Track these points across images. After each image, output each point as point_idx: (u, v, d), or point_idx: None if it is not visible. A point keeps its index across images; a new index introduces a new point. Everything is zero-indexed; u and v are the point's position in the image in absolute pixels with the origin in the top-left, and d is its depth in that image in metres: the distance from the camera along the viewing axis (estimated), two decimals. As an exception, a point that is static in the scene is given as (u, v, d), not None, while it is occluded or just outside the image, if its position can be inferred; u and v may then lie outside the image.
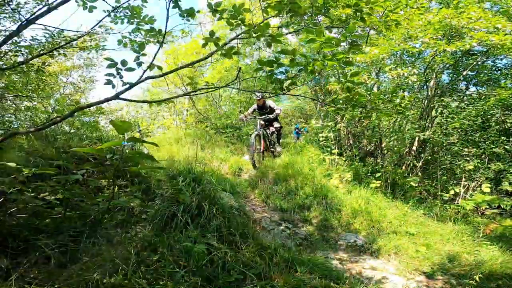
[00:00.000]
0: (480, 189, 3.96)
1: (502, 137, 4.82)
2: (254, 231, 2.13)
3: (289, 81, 1.43)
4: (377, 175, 4.63)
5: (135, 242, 1.68)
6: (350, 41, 1.29)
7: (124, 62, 1.75)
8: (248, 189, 4.40)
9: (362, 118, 1.81)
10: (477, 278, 2.52)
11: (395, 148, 5.07)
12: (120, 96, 1.64)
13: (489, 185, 3.84)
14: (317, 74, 1.51)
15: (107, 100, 1.66)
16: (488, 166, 4.46)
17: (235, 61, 8.54)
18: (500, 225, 3.89)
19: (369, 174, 4.87)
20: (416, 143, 5.21)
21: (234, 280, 1.47)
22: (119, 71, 1.74)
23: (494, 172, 4.58)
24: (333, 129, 5.26)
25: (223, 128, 7.38)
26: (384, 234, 3.63)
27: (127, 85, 1.68)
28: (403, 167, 5.11)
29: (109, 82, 1.71)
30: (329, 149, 5.13)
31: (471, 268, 2.79)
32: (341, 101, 2.44)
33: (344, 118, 5.11)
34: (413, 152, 5.21)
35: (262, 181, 4.60)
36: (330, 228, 3.73)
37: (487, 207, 4.15)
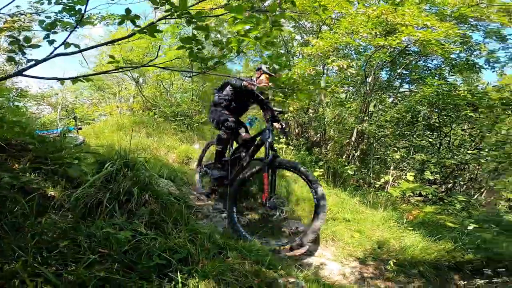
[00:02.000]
0: (405, 177, 4.40)
1: (427, 131, 5.46)
2: (189, 217, 2.08)
3: (214, 60, 1.40)
4: (320, 163, 4.88)
5: (47, 230, 1.53)
6: (272, 21, 1.31)
7: (27, 39, 1.61)
8: (196, 177, 4.30)
9: (283, 99, 1.87)
10: (392, 264, 2.69)
11: (335, 138, 5.39)
12: (24, 73, 1.48)
13: (412, 174, 4.29)
14: (242, 54, 1.50)
15: (8, 76, 1.48)
16: (413, 156, 5.02)
17: (189, 48, 8.24)
18: (421, 212, 4.29)
19: (313, 163, 5.10)
20: (354, 134, 5.61)
21: (154, 265, 1.42)
22: (22, 48, 1.60)
23: (420, 162, 5.16)
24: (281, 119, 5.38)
25: (173, 116, 7.13)
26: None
27: (33, 62, 1.52)
28: (344, 157, 5.49)
29: (11, 59, 1.55)
30: (276, 138, 5.26)
31: (397, 253, 2.96)
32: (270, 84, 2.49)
33: (291, 108, 5.27)
34: (352, 143, 5.61)
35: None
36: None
37: (412, 194, 4.58)
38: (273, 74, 3.13)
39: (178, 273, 1.37)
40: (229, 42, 1.34)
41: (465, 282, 2.43)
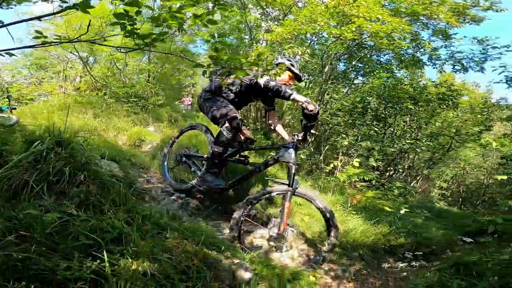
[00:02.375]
0: (352, 163, 4.69)
1: (375, 121, 5.87)
2: (127, 197, 2.00)
3: (153, 36, 1.33)
4: (275, 148, 4.97)
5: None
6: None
7: None
8: (147, 160, 4.13)
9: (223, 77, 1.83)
10: (326, 244, 2.72)
11: (291, 124, 5.55)
12: None
13: (359, 160, 4.58)
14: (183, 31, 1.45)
15: None
16: (360, 143, 5.39)
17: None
18: (363, 196, 4.58)
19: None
20: (309, 121, 5.79)
21: (80, 245, 1.36)
22: None
23: (366, 149, 5.56)
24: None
25: (126, 97, 6.74)
26: (277, 205, 3.81)
27: None
28: (299, 143, 5.65)
29: None
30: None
31: (341, 236, 3.00)
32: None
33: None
34: (306, 129, 5.80)
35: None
36: (229, 199, 3.75)
37: (357, 179, 4.88)
38: (298, 72, 2.83)
39: (105, 253, 1.32)
40: (165, 19, 1.28)
41: (389, 265, 2.61)
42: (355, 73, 7.27)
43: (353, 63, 6.58)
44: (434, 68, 6.53)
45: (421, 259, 2.71)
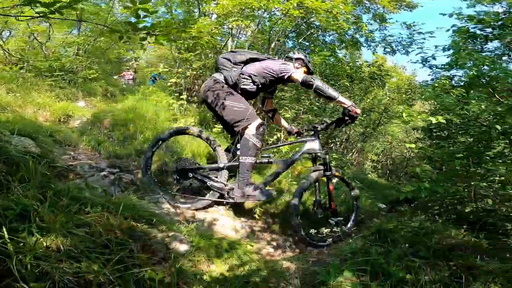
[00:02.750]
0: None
1: (317, 97, 6.13)
2: (36, 172, 1.79)
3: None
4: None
5: None
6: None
7: None
8: (75, 137, 3.73)
9: (141, 40, 1.72)
10: (258, 212, 2.89)
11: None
12: None
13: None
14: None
15: None
16: (302, 117, 5.65)
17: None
18: (304, 167, 4.78)
19: (214, 120, 5.06)
20: (256, 94, 5.85)
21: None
22: None
23: (308, 122, 5.83)
24: (183, 75, 5.15)
25: (50, 71, 5.97)
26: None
27: None
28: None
29: None
30: (177, 95, 5.05)
31: (283, 207, 3.14)
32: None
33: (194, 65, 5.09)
34: (251, 102, 5.85)
35: (96, 127, 4.01)
36: (169, 173, 3.60)
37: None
38: (311, 68, 2.99)
39: (5, 230, 1.19)
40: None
41: (316, 231, 2.74)
42: (302, 51, 7.43)
43: (299, 41, 6.70)
44: (369, 49, 7.02)
45: (342, 225, 2.92)
